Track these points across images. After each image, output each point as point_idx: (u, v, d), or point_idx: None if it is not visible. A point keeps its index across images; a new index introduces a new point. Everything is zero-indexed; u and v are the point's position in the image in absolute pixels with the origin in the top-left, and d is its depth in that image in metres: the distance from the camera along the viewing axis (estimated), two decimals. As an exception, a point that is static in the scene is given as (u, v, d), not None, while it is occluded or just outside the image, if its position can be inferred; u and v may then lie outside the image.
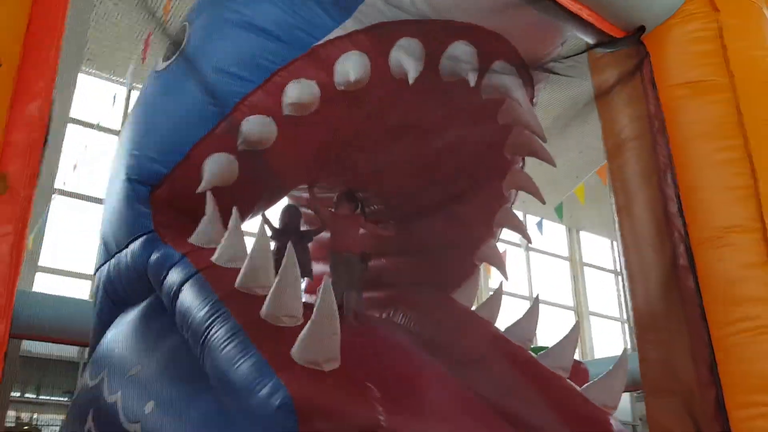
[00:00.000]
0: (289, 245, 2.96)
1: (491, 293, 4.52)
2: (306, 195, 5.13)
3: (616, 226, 2.83)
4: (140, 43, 9.23)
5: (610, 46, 2.89)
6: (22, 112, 1.43)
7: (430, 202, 4.51)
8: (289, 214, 4.56)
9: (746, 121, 2.52)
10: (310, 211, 5.18)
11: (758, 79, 2.64)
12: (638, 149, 2.74)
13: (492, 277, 10.67)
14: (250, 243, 3.28)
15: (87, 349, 8.41)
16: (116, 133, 11.09)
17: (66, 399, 9.92)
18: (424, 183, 4.48)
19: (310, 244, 4.68)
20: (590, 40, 2.92)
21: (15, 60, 1.43)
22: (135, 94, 10.06)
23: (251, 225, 4.61)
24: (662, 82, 2.70)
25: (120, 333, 3.80)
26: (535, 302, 4.15)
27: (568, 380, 3.68)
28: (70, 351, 9.50)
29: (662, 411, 2.46)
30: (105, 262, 4.17)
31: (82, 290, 10.34)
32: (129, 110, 10.38)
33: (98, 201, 10.08)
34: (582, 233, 16.99)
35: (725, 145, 2.54)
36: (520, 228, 4.40)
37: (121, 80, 10.80)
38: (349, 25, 3.34)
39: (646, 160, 2.69)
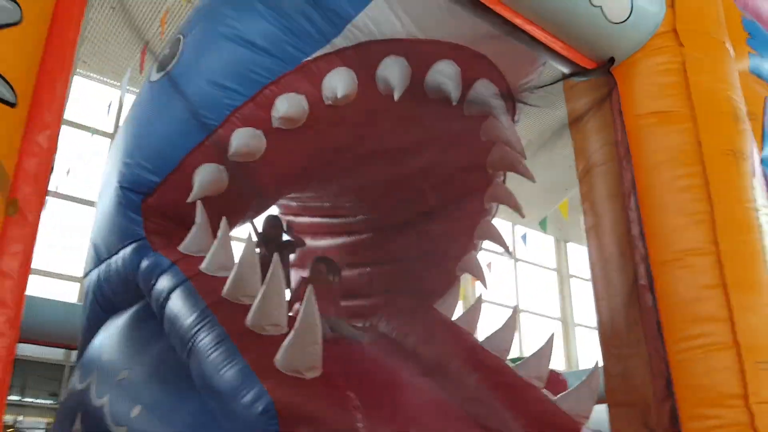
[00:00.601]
0: (275, 256, 3.07)
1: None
2: (294, 204, 5.24)
3: (586, 245, 2.96)
4: (136, 46, 9.32)
5: (582, 75, 3.03)
6: (32, 141, 1.57)
7: (414, 213, 4.62)
8: (270, 224, 4.63)
9: (705, 151, 2.65)
10: (294, 219, 5.28)
11: (717, 111, 2.78)
12: (606, 174, 2.88)
13: (478, 286, 10.77)
14: (238, 249, 3.38)
15: (72, 352, 8.44)
16: (110, 136, 11.16)
17: (50, 402, 9.91)
18: (407, 196, 4.58)
19: (292, 255, 4.76)
20: (565, 70, 3.06)
21: (28, 96, 1.56)
22: (129, 98, 10.12)
23: (240, 230, 4.69)
24: (629, 111, 2.83)
25: (109, 338, 3.87)
26: (513, 314, 4.25)
27: (543, 390, 3.79)
28: (55, 353, 9.48)
29: (621, 421, 2.60)
30: (95, 267, 4.23)
31: (71, 292, 10.36)
32: (122, 115, 10.46)
33: (89, 203, 10.15)
34: (570, 245, 17.13)
35: (685, 172, 2.67)
36: (500, 240, 4.51)
37: (116, 83, 10.87)
38: (338, 42, 3.43)
39: (613, 184, 2.83)
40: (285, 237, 4.82)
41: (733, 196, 2.64)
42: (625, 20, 2.83)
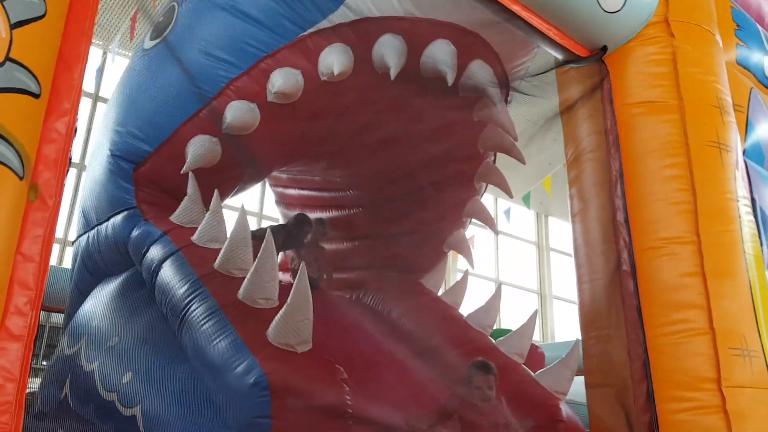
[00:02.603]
0: (268, 233, 3.10)
1: (460, 274, 4.69)
2: (284, 176, 5.26)
3: (571, 229, 3.04)
4: (127, 10, 9.12)
5: (575, 63, 3.07)
6: (51, 129, 1.60)
7: (402, 192, 4.66)
8: (296, 221, 4.64)
9: (690, 142, 2.72)
10: (284, 191, 5.30)
11: (704, 103, 2.84)
12: (595, 161, 2.94)
13: (459, 260, 10.80)
14: (230, 220, 3.39)
15: (51, 314, 8.39)
16: (91, 96, 11.00)
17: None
18: (396, 175, 4.61)
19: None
20: (559, 57, 3.09)
21: (48, 87, 1.58)
22: (117, 60, 9.94)
23: (233, 200, 4.67)
24: (620, 100, 2.88)
25: (98, 304, 3.88)
26: (497, 291, 4.33)
27: (524, 366, 3.90)
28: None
29: (598, 401, 2.71)
30: (84, 233, 4.23)
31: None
32: (103, 74, 10.28)
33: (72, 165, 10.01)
34: (551, 219, 17.22)
35: (671, 162, 2.74)
36: (488, 220, 4.57)
37: (101, 44, 10.67)
38: (335, 18, 3.42)
39: (601, 171, 2.89)
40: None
41: (715, 187, 2.72)
42: (619, 9, 2.86)
